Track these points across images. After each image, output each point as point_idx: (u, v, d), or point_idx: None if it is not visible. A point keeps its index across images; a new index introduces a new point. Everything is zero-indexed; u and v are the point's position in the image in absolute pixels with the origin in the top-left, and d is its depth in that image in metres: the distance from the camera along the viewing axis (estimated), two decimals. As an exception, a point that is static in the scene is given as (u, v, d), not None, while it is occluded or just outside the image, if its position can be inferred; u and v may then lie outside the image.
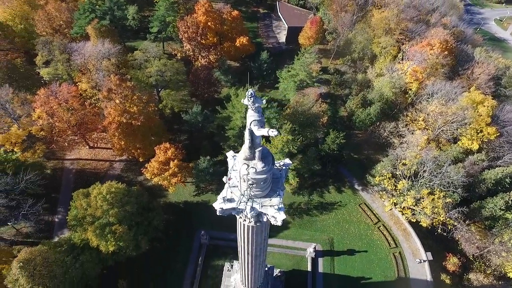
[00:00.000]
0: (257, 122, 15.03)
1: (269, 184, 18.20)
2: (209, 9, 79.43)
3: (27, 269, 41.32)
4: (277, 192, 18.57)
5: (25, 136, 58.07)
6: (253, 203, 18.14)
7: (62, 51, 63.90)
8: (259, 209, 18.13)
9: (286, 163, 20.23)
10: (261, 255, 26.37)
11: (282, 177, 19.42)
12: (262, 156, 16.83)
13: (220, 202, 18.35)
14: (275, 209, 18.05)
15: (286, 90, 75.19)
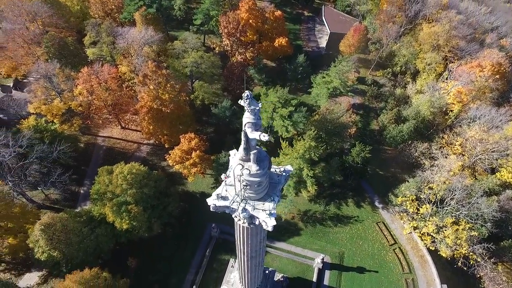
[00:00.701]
0: (251, 124, 14.99)
1: (264, 188, 18.10)
2: (253, 7, 79.92)
3: (47, 232, 44.23)
4: (272, 197, 18.42)
5: (65, 110, 62.03)
6: (246, 204, 18.17)
7: (109, 34, 67.43)
8: (251, 211, 18.11)
9: (286, 170, 19.99)
10: (257, 257, 26.30)
11: (280, 183, 19.23)
12: (258, 159, 16.78)
13: (214, 198, 18.55)
14: (267, 214, 17.92)
15: (319, 96, 74.03)
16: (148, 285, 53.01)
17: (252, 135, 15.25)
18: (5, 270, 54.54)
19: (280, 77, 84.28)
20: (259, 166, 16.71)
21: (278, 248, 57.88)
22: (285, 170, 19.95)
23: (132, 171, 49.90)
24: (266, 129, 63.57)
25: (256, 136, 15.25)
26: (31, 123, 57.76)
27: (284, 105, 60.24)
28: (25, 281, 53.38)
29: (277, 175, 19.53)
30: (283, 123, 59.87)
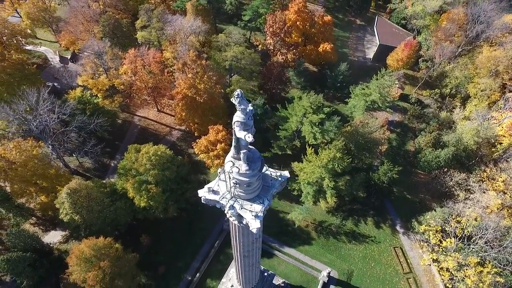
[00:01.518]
0: (240, 123, 14.99)
1: (254, 189, 18.04)
2: (302, 9, 79.30)
3: (72, 197, 47.51)
4: (262, 200, 18.32)
5: (109, 86, 66.03)
6: (235, 202, 18.26)
7: (159, 19, 70.48)
8: (238, 210, 18.17)
9: (283, 175, 19.74)
10: (250, 257, 26.34)
11: (274, 187, 19.03)
12: (249, 159, 16.77)
13: (205, 191, 18.86)
14: (253, 215, 17.86)
15: (355, 107, 71.80)
16: (155, 264, 55.11)
17: (239, 134, 15.30)
18: (34, 224, 59.56)
19: (319, 83, 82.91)
20: (250, 166, 16.72)
21: (286, 253, 57.35)
22: (281, 175, 19.74)
23: (157, 153, 51.91)
24: (294, 132, 63.13)
25: (242, 135, 15.27)
26: (77, 94, 62.15)
27: (316, 111, 59.20)
28: (50, 238, 57.92)
29: (272, 179, 19.39)
30: (312, 129, 58.92)
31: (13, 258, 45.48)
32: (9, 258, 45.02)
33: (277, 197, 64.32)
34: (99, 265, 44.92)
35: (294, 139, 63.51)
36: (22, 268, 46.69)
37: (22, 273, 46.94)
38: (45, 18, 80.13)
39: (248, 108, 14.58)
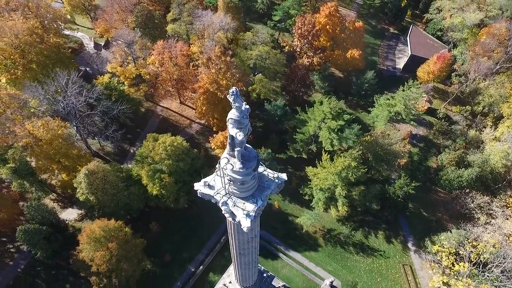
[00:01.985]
0: (233, 121, 15.03)
1: (249, 188, 18.04)
2: (334, 13, 78.09)
3: (89, 178, 49.53)
4: (256, 200, 18.30)
5: (136, 75, 68.07)
6: (229, 199, 18.38)
7: (190, 13, 71.85)
8: (231, 207, 18.27)
9: (280, 178, 19.61)
10: (246, 256, 26.37)
11: (269, 188, 18.93)
12: (245, 157, 16.80)
13: (201, 184, 19.11)
14: (244, 213, 17.90)
15: (378, 117, 69.98)
16: (161, 251, 56.40)
17: (231, 131, 15.39)
18: (54, 200, 62.57)
19: (343, 89, 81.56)
20: (244, 165, 16.77)
21: (291, 257, 56.99)
22: (279, 177, 19.65)
23: (173, 143, 53.05)
24: (311, 137, 62.51)
25: (233, 133, 15.34)
26: (105, 80, 64.56)
27: (335, 117, 58.32)
28: (66, 215, 60.65)
29: (268, 179, 19.33)
30: (329, 135, 58.10)
31: (30, 230, 48.00)
32: (26, 229, 47.57)
33: (287, 200, 64.04)
34: (107, 246, 46.58)
35: (311, 143, 62.87)
36: (38, 240, 49.18)
37: (37, 244, 49.47)
38: (84, 5, 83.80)
39: (243, 107, 14.66)
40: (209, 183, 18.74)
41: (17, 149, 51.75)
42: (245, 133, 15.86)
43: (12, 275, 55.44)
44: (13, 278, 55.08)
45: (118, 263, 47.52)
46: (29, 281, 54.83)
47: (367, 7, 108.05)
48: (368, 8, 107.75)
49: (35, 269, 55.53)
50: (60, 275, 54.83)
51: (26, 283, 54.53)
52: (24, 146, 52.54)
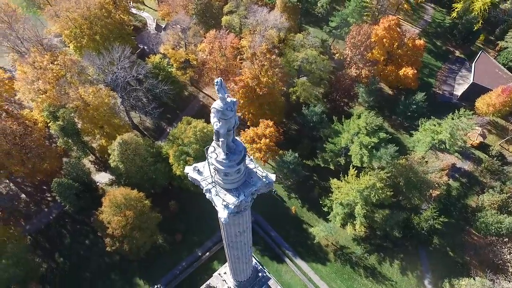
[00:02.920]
0: (215, 111, 15.16)
1: (233, 181, 18.18)
2: (393, 27, 74.71)
3: (122, 147, 53.02)
4: (238, 194, 18.43)
5: (184, 59, 71.14)
6: (213, 188, 18.76)
7: (246, 8, 73.16)
8: (213, 195, 18.64)
9: (268, 178, 19.45)
10: (235, 249, 26.69)
11: (255, 186, 18.85)
12: (231, 149, 16.98)
13: (191, 168, 19.68)
14: (223, 204, 18.16)
15: (419, 142, 65.80)
16: (174, 230, 58.74)
17: (212, 120, 15.63)
18: (91, 162, 67.95)
19: (389, 107, 77.93)
20: (228, 157, 16.99)
21: (297, 264, 56.26)
22: (267, 177, 19.56)
23: (203, 130, 54.76)
24: (342, 149, 60.78)
25: (212, 121, 15.57)
26: (156, 60, 68.32)
27: (370, 133, 56.04)
28: (99, 177, 65.63)
29: (256, 176, 19.36)
30: (360, 150, 56.02)
31: (63, 183, 52.79)
32: (60, 182, 52.39)
33: (306, 208, 63.11)
34: (125, 213, 49.71)
35: (340, 155, 61.14)
36: (69, 194, 53.96)
37: (67, 198, 54.30)
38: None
39: (229, 99, 14.86)
40: (199, 168, 19.31)
41: (67, 110, 56.92)
42: (232, 126, 16.08)
43: (45, 221, 61.54)
44: (45, 224, 61.11)
45: (132, 231, 50.46)
46: (57, 229, 60.46)
47: (435, 25, 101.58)
48: (436, 27, 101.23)
49: (63, 220, 61.06)
50: (82, 230, 59.70)
51: (54, 231, 60.20)
52: (74, 108, 57.64)
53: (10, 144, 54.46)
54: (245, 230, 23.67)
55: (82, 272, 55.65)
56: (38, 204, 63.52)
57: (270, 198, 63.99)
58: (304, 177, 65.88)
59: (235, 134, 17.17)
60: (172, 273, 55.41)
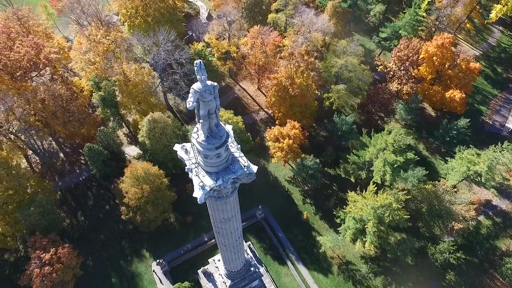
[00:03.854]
0: (193, 91, 15.53)
1: (213, 165, 18.57)
2: (447, 46, 70.25)
3: (151, 124, 55.85)
4: (217, 178, 18.81)
5: (226, 51, 72.87)
6: (196, 168, 19.34)
7: (293, 7, 73.05)
8: (193, 175, 19.24)
9: (249, 168, 19.59)
10: (222, 236, 27.25)
11: (235, 174, 19.14)
12: (211, 133, 17.39)
13: (179, 147, 20.45)
14: (200, 185, 18.67)
15: (453, 170, 61.52)
16: (186, 211, 60.79)
17: (188, 99, 16.07)
18: (124, 134, 72.34)
19: (428, 128, 73.78)
20: (207, 139, 17.46)
21: (298, 269, 55.62)
22: (248, 167, 19.75)
23: (228, 120, 55.95)
24: (365, 163, 58.82)
25: (187, 100, 16.00)
26: (198, 48, 70.63)
27: (397, 152, 53.54)
28: (128, 150, 69.66)
29: (238, 165, 19.64)
30: (383, 167, 53.78)
31: (94, 149, 56.82)
32: (91, 148, 56.47)
33: (319, 216, 62.04)
34: (142, 186, 52.40)
35: (363, 169, 59.10)
36: (97, 160, 57.97)
37: (95, 163, 58.39)
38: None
39: (208, 82, 15.27)
40: (187, 148, 20.08)
41: (110, 82, 61.05)
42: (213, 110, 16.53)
43: (75, 181, 66.82)
44: (74, 183, 66.37)
45: (146, 204, 53.03)
46: (83, 190, 65.37)
47: (499, 50, 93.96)
48: (500, 52, 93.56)
49: (90, 183, 65.83)
50: (105, 195, 63.94)
51: (81, 191, 65.16)
52: (115, 81, 61.68)
53: (56, 106, 59.64)
54: (230, 218, 24.15)
55: (97, 234, 59.66)
56: (72, 165, 69.07)
57: (284, 199, 63.80)
58: (323, 185, 64.72)
59: (219, 119, 17.62)
60: (177, 251, 57.47)
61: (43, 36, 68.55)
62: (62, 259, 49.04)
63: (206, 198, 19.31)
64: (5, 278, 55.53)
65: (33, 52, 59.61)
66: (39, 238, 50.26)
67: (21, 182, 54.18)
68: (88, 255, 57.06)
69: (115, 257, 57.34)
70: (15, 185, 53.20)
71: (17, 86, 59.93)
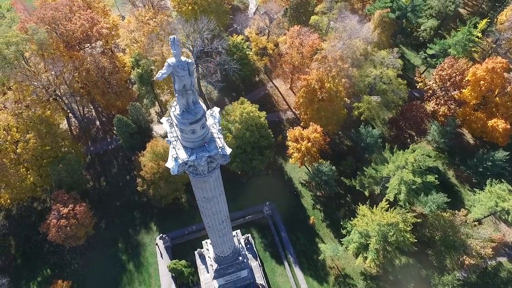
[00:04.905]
0: (167, 65, 16.33)
1: (189, 140, 19.31)
2: (499, 72, 65.13)
3: (177, 106, 58.48)
4: (191, 153, 19.65)
5: (263, 46, 73.78)
6: (175, 141, 20.37)
7: (338, 12, 71.92)
8: (171, 147, 20.28)
9: (224, 150, 20.13)
10: (206, 217, 28.20)
11: (208, 152, 19.79)
12: (188, 109, 18.24)
13: (165, 119, 21.61)
14: (173, 157, 19.64)
15: (478, 203, 57.25)
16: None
17: (161, 71, 16.94)
18: (156, 113, 76.25)
19: (462, 155, 69.22)
20: (182, 114, 18.38)
21: (293, 272, 55.43)
22: (223, 149, 20.39)
23: (249, 113, 56.77)
24: (382, 179, 56.83)
25: (159, 71, 16.87)
26: (237, 40, 72.41)
27: (416, 172, 51.08)
28: (158, 128, 73.06)
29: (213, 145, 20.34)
30: (398, 186, 51.62)
31: (123, 121, 60.73)
32: (120, 119, 60.42)
33: (325, 224, 61.14)
34: (159, 162, 55.17)
35: (378, 184, 57.12)
36: (124, 131, 61.88)
37: (123, 134, 62.38)
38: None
39: (183, 58, 16.11)
40: (171, 121, 21.23)
41: (148, 61, 64.71)
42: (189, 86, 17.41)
43: (104, 148, 71.94)
44: (103, 150, 71.47)
45: (160, 180, 55.86)
46: (110, 158, 70.19)
47: None
48: None
49: (117, 152, 70.49)
50: (128, 166, 68.12)
51: (108, 159, 70.03)
52: (154, 61, 65.23)
53: (99, 76, 64.61)
54: (211, 199, 25.09)
55: (114, 200, 63.85)
56: (105, 133, 74.33)
57: (293, 200, 63.65)
58: (336, 194, 63.53)
59: (197, 97, 18.53)
60: (182, 231, 59.81)
61: (101, 12, 74.12)
62: (78, 216, 53.25)
63: (179, 171, 20.41)
64: (31, 224, 61.44)
65: (88, 25, 64.88)
66: (62, 193, 55.00)
67: (57, 140, 59.53)
68: (102, 217, 61.32)
69: (125, 224, 61.03)
70: (51, 142, 58.51)
71: (70, 54, 65.57)
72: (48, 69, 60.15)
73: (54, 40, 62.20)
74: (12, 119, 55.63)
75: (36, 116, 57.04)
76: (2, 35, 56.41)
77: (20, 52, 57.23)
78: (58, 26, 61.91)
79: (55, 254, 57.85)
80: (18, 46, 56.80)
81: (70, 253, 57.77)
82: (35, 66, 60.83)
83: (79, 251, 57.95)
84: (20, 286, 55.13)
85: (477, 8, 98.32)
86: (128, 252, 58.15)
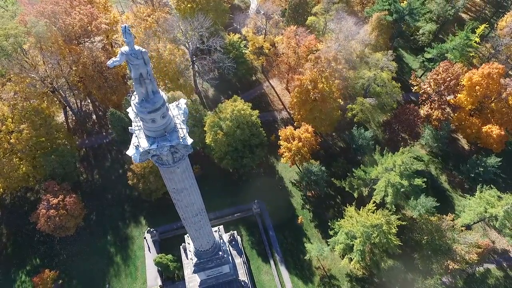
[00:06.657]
0: (121, 53, 16.72)
1: (150, 129, 19.67)
2: (495, 78, 64.55)
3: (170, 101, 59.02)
4: (152, 143, 19.98)
5: (260, 46, 74.01)
6: (138, 130, 20.72)
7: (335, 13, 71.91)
8: (134, 135, 20.62)
9: (185, 140, 20.45)
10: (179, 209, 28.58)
11: (169, 141, 20.09)
12: (146, 98, 18.57)
13: (131, 109, 21.90)
14: (135, 145, 19.99)
15: (468, 209, 56.77)
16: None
17: (113, 58, 17.27)
18: (152, 108, 76.80)
19: (455, 161, 68.75)
20: (141, 103, 18.74)
21: (279, 270, 55.60)
22: (184, 139, 20.69)
23: (241, 111, 56.97)
24: (371, 180, 56.67)
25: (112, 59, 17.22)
26: (234, 39, 72.81)
27: (404, 175, 50.88)
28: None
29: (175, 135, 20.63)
30: (385, 188, 51.47)
31: (115, 115, 61.56)
32: (113, 113, 61.25)
33: (314, 224, 61.14)
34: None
35: (367, 186, 56.97)
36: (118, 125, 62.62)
37: (116, 128, 63.22)
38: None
39: (136, 47, 16.43)
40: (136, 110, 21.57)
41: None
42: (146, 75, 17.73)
43: (99, 142, 72.73)
44: (98, 144, 72.26)
45: (149, 174, 56.43)
46: (104, 152, 71.00)
47: None
48: None
49: (111, 146, 71.26)
50: (120, 160, 68.86)
51: (102, 152, 70.84)
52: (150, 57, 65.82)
53: (95, 71, 65.47)
54: (181, 190, 25.41)
55: (106, 193, 64.54)
56: (101, 127, 75.12)
57: (283, 199, 63.67)
58: (326, 195, 63.55)
59: (155, 86, 18.86)
60: (170, 225, 60.17)
61: (101, 8, 75.08)
62: (68, 206, 53.94)
63: (142, 159, 20.79)
64: (23, 214, 62.33)
65: (86, 20, 65.83)
66: (53, 184, 55.83)
67: (51, 132, 60.40)
68: (93, 209, 62.04)
69: (115, 217, 61.66)
70: (45, 134, 59.38)
71: (68, 48, 66.55)
72: (46, 62, 61.14)
73: (53, 34, 63.11)
74: (7, 110, 56.67)
75: (32, 108, 57.98)
76: (1, 27, 57.60)
77: (18, 44, 58.34)
78: (57, 20, 62.88)
79: (45, 244, 58.66)
80: (17, 38, 57.99)
81: (59, 243, 58.50)
82: (33, 58, 61.89)
83: (69, 242, 58.68)
84: (9, 274, 55.96)
85: (480, 13, 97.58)
86: (116, 245, 58.74)
